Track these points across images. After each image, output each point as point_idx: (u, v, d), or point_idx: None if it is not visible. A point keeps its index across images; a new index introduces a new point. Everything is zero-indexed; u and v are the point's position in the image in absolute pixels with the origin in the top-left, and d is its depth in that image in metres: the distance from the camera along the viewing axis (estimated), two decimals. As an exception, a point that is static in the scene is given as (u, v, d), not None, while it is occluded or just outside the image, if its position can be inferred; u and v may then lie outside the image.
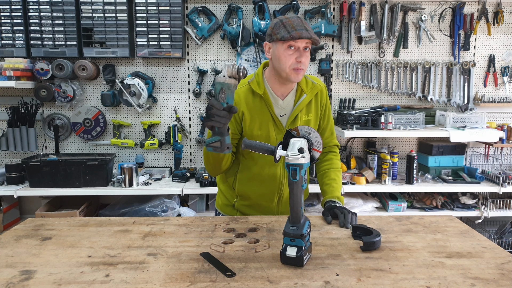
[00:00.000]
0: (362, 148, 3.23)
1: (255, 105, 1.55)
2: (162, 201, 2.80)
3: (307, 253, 1.15)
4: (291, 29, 1.39)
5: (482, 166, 3.18)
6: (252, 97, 1.55)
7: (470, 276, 1.08)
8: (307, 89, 1.58)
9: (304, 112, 1.59)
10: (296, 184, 1.14)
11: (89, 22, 2.83)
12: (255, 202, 1.65)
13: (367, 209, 2.89)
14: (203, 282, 1.05)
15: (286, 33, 1.39)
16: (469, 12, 3.06)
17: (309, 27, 1.43)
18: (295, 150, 1.14)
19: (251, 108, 1.55)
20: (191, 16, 2.95)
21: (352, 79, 3.10)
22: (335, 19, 3.06)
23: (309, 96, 1.58)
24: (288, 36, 1.38)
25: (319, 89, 1.61)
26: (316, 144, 1.23)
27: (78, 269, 1.12)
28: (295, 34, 1.38)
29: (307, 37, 1.39)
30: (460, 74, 3.10)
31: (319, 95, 1.62)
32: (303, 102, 1.57)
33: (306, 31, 1.39)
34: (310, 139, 1.21)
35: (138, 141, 3.14)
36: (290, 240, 1.14)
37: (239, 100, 1.54)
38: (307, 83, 1.59)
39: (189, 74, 3.10)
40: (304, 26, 1.41)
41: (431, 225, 1.49)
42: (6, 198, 2.97)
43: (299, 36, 1.37)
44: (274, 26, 1.45)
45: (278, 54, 1.45)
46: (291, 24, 1.40)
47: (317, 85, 1.61)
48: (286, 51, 1.42)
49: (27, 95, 3.05)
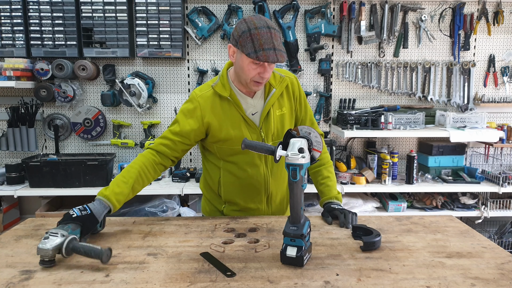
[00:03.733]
0: (362, 148, 3.23)
1: (224, 108, 1.49)
2: (162, 201, 2.80)
3: (307, 253, 1.15)
4: (258, 48, 1.30)
5: (482, 166, 3.18)
6: (220, 101, 1.49)
7: (470, 276, 1.08)
8: (275, 83, 1.52)
9: (277, 107, 1.54)
10: (296, 184, 1.13)
11: (89, 22, 2.83)
12: (244, 206, 1.62)
13: (367, 209, 2.89)
14: (203, 282, 1.05)
15: (252, 51, 1.30)
16: (469, 12, 3.06)
17: (278, 42, 1.33)
18: (295, 150, 1.13)
19: (219, 113, 1.49)
20: (191, 16, 2.95)
21: (352, 79, 3.10)
22: (335, 19, 3.06)
23: (278, 89, 1.52)
24: (254, 56, 1.30)
25: (288, 81, 1.55)
26: (316, 144, 1.21)
27: (78, 269, 1.12)
28: (262, 56, 1.29)
29: (273, 62, 1.31)
30: (460, 74, 3.10)
31: (290, 87, 1.57)
32: (273, 96, 1.52)
33: (274, 52, 1.30)
34: (310, 139, 1.20)
35: (138, 141, 3.14)
36: (290, 240, 1.14)
37: (202, 109, 1.48)
38: (274, 77, 1.53)
39: (189, 74, 3.10)
40: (272, 43, 1.31)
41: (431, 225, 1.49)
42: (6, 198, 2.97)
43: (265, 60, 1.30)
44: (241, 34, 1.33)
45: (242, 64, 1.38)
46: (259, 40, 1.30)
47: (285, 77, 1.55)
48: (250, 65, 1.36)
49: (27, 95, 3.05)
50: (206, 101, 1.49)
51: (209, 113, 1.48)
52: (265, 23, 1.33)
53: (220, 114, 1.49)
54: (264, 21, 1.34)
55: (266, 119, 1.52)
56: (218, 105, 1.49)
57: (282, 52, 1.33)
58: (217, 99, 1.49)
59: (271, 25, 1.34)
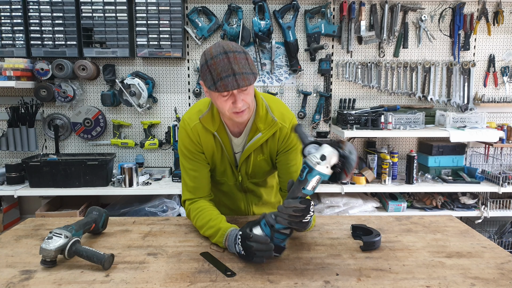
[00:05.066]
0: (362, 148, 3.23)
1: (209, 140, 1.41)
2: (162, 201, 2.80)
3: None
4: (217, 78, 1.17)
5: (482, 166, 3.18)
6: (205, 133, 1.39)
7: (470, 276, 1.08)
8: (264, 126, 1.37)
9: (259, 151, 1.43)
10: (298, 182, 1.11)
11: (89, 22, 2.83)
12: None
13: (367, 209, 2.89)
14: (203, 282, 1.05)
15: (211, 83, 1.18)
16: (469, 12, 3.05)
17: (240, 65, 1.18)
18: (319, 154, 1.08)
19: (207, 144, 1.41)
20: (191, 16, 2.95)
21: (352, 79, 3.10)
22: (335, 19, 3.06)
23: (264, 135, 1.37)
24: (214, 88, 1.18)
25: (278, 128, 1.38)
26: (348, 166, 1.09)
27: (78, 269, 1.12)
28: (220, 86, 1.17)
29: (233, 89, 1.17)
30: (460, 74, 3.10)
31: (278, 134, 1.40)
32: (256, 142, 1.38)
33: (234, 78, 1.16)
34: (345, 157, 1.09)
35: (138, 141, 3.14)
36: (263, 224, 1.16)
37: (198, 136, 1.40)
38: (266, 119, 1.37)
39: (189, 74, 3.10)
40: (231, 69, 1.16)
41: (431, 225, 1.49)
42: (6, 198, 2.97)
43: (224, 90, 1.17)
44: (201, 67, 1.23)
45: (213, 99, 1.27)
46: (216, 70, 1.17)
47: (277, 122, 1.37)
48: (219, 98, 1.23)
49: (27, 95, 3.05)
50: (200, 130, 1.40)
51: (202, 141, 1.42)
52: (222, 48, 1.19)
53: (209, 145, 1.42)
54: (221, 47, 1.20)
55: (245, 161, 1.45)
56: (205, 136, 1.41)
57: (245, 75, 1.18)
58: (204, 131, 1.40)
59: (229, 49, 1.19)
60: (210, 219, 1.33)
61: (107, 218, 1.41)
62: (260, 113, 1.36)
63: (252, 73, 1.21)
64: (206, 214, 1.36)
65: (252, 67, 1.22)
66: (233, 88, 1.17)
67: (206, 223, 1.33)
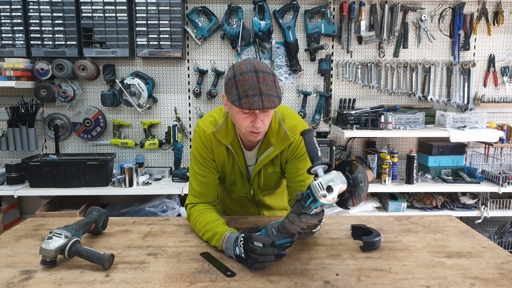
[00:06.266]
0: (362, 148, 3.23)
1: (222, 151, 1.41)
2: (162, 201, 2.80)
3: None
4: (243, 94, 1.16)
5: (482, 166, 3.18)
6: (218, 144, 1.40)
7: (470, 276, 1.08)
8: (276, 141, 1.37)
9: (270, 164, 1.44)
10: (300, 205, 1.07)
11: (89, 22, 2.83)
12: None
13: (367, 209, 2.89)
14: (203, 282, 1.05)
15: (236, 98, 1.17)
16: (469, 12, 3.05)
17: (268, 86, 1.17)
18: (325, 184, 1.01)
19: (219, 153, 1.42)
20: (191, 16, 2.95)
21: (352, 79, 3.10)
22: (335, 19, 3.06)
23: (277, 149, 1.38)
24: (237, 104, 1.17)
25: (290, 142, 1.38)
26: (356, 196, 1.02)
27: (78, 269, 1.12)
28: (245, 103, 1.15)
29: (258, 109, 1.16)
30: (460, 74, 3.10)
31: (291, 147, 1.40)
32: (268, 155, 1.39)
33: (260, 98, 1.15)
34: (356, 186, 1.02)
35: (138, 141, 3.14)
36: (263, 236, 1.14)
37: (211, 143, 1.40)
38: (278, 133, 1.37)
39: (189, 74, 3.10)
40: (259, 88, 1.16)
41: (431, 225, 1.49)
42: (6, 198, 2.97)
43: (248, 108, 1.16)
44: (228, 80, 1.22)
45: (233, 114, 1.28)
46: (243, 86, 1.16)
47: (289, 136, 1.37)
48: (240, 114, 1.23)
49: (27, 95, 3.05)
50: (212, 140, 1.41)
51: (215, 149, 1.42)
52: (253, 66, 1.18)
53: (220, 155, 1.43)
54: (252, 65, 1.19)
55: (257, 175, 1.46)
56: (218, 147, 1.41)
57: (272, 97, 1.17)
58: (217, 142, 1.40)
59: (260, 69, 1.18)
60: (208, 222, 1.33)
61: (107, 218, 1.41)
62: (273, 126, 1.36)
63: (278, 96, 1.20)
64: (204, 218, 1.36)
65: (278, 90, 1.21)
66: (258, 108, 1.16)
67: (203, 227, 1.33)
